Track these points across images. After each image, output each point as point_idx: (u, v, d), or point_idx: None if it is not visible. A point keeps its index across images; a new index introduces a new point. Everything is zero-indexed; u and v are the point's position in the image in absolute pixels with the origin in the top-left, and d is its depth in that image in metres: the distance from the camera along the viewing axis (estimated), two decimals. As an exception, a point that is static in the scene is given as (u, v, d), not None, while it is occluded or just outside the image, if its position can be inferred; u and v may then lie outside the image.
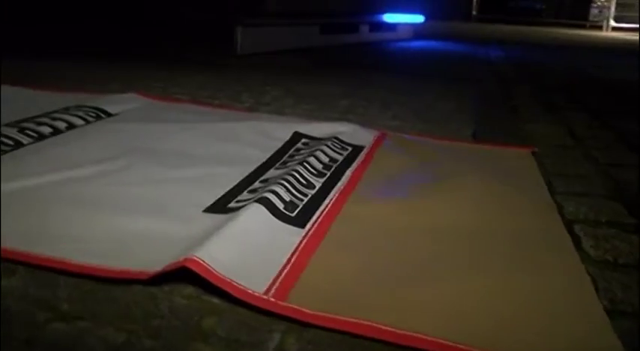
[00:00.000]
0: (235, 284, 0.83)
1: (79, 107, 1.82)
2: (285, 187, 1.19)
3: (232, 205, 1.13)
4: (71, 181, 1.20)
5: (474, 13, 11.01)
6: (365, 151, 1.58)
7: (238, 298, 0.82)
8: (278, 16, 3.67)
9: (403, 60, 4.25)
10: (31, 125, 1.58)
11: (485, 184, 1.42)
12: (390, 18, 4.99)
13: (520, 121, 2.37)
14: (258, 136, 1.64)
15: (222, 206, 1.14)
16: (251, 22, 3.45)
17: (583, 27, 11.14)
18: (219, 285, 0.83)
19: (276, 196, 1.13)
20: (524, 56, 5.08)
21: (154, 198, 1.16)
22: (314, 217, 1.10)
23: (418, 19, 5.49)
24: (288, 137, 1.66)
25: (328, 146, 1.54)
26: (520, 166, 1.65)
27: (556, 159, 1.77)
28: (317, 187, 1.26)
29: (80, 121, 1.71)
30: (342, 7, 4.04)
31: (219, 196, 1.19)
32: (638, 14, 10.33)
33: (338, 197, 1.23)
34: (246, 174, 1.33)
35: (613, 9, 10.46)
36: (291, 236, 1.01)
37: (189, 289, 0.87)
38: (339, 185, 1.30)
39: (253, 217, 1.04)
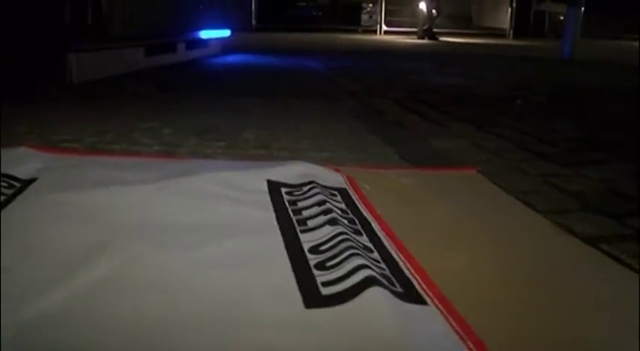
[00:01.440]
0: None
1: None
2: (361, 256, 1.02)
3: (326, 291, 0.93)
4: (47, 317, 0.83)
5: (254, 23, 11.26)
6: (352, 193, 1.45)
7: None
8: (112, 40, 3.31)
9: (239, 79, 4.13)
10: None
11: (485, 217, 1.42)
12: (203, 34, 4.86)
13: (418, 136, 2.42)
14: (235, 191, 1.40)
15: (317, 295, 0.92)
16: (83, 46, 3.04)
17: (356, 31, 12.10)
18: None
19: (372, 270, 0.96)
20: (342, 65, 5.28)
21: (218, 302, 0.90)
22: (415, 285, 0.96)
23: (225, 33, 5.41)
24: (265, 188, 1.45)
25: (324, 195, 1.38)
26: (490, 189, 1.67)
27: (498, 176, 1.83)
28: (372, 248, 1.11)
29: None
30: (162, 28, 3.81)
31: (292, 280, 0.97)
32: (402, 19, 11.60)
33: (404, 254, 1.09)
34: (282, 245, 1.12)
35: (383, 15, 11.57)
36: (431, 318, 0.86)
37: None
38: (385, 241, 1.16)
39: (378, 304, 0.86)
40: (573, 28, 7.35)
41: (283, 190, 1.44)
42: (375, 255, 1.07)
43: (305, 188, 1.44)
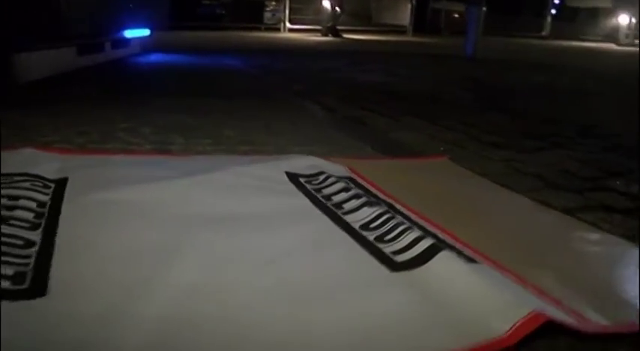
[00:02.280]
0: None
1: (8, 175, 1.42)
2: (413, 229, 1.22)
3: (400, 258, 1.12)
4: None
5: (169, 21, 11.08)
6: (361, 181, 1.64)
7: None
8: (49, 39, 3.27)
9: (176, 79, 4.17)
10: None
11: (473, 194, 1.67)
12: (127, 34, 4.85)
13: (380, 131, 2.65)
14: (264, 182, 1.55)
15: (394, 262, 1.11)
16: (24, 46, 3.01)
17: (259, 29, 12.24)
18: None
19: (430, 239, 1.16)
20: (262, 64, 5.41)
21: (335, 274, 1.06)
22: (460, 248, 1.16)
23: (145, 32, 5.41)
24: (286, 179, 1.60)
25: (344, 183, 1.56)
26: (465, 173, 1.93)
27: (465, 163, 2.09)
28: (411, 224, 1.30)
29: (42, 196, 1.35)
30: (91, 27, 3.80)
31: (365, 253, 1.15)
32: (306, 17, 11.88)
33: (437, 227, 1.29)
34: (335, 226, 1.29)
35: (287, 12, 11.79)
36: (490, 272, 1.07)
37: None
38: (413, 217, 1.35)
39: (451, 265, 1.06)
40: (475, 26, 7.91)
41: (302, 180, 1.61)
42: (418, 229, 1.27)
43: (321, 178, 1.61)
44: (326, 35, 11.40)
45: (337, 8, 11.20)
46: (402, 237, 1.19)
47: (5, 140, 1.91)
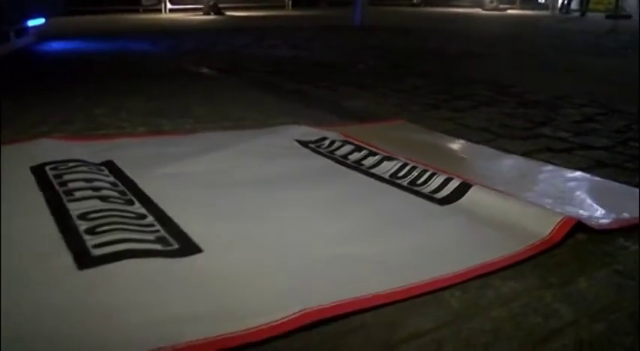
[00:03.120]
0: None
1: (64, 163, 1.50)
2: (435, 174, 1.48)
3: (438, 195, 1.37)
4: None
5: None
6: (358, 142, 1.86)
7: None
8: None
9: (97, 66, 4.03)
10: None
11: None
12: (30, 22, 4.70)
13: (329, 100, 2.87)
14: (282, 149, 1.73)
15: (435, 199, 1.35)
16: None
17: (138, 11, 11.91)
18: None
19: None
20: (170, 46, 5.38)
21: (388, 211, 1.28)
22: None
23: (40, 20, 5.24)
24: (298, 145, 1.79)
25: (350, 145, 1.78)
26: (425, 131, 2.22)
27: (418, 123, 2.38)
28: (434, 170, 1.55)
29: (106, 177, 1.44)
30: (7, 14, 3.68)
31: (413, 195, 1.39)
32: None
33: (451, 173, 1.55)
34: (372, 180, 1.51)
35: (167, -8, 11.58)
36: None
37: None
38: (421, 166, 1.60)
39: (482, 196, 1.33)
40: (362, -2, 8.29)
41: (311, 145, 1.81)
42: (441, 173, 1.52)
43: (326, 142, 1.82)
44: (208, 14, 11.33)
45: (218, -15, 11.16)
46: (431, 181, 1.44)
47: None
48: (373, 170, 1.58)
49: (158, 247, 1.05)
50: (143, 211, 1.23)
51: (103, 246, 1.04)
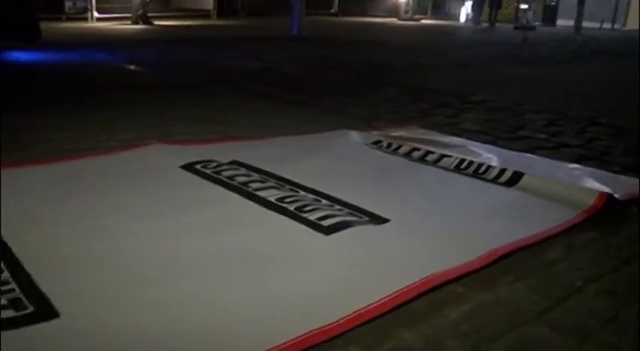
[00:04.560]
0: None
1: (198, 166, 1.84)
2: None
3: (502, 180, 1.85)
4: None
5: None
6: (401, 141, 2.32)
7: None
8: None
9: (85, 80, 4.03)
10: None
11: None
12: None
13: (337, 108, 3.29)
14: (363, 153, 2.16)
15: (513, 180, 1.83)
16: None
17: (61, 20, 11.78)
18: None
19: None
20: (132, 57, 5.48)
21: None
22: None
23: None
24: (367, 147, 2.23)
25: (413, 142, 2.24)
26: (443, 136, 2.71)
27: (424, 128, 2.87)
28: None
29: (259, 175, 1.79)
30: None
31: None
32: (113, 5, 11.74)
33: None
34: (452, 173, 1.97)
35: (94, 1, 11.53)
36: None
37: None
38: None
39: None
40: (300, 8, 8.76)
41: (374, 145, 2.24)
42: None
43: (384, 143, 2.26)
44: (137, 23, 11.39)
45: (147, -5, 11.27)
46: (489, 171, 1.94)
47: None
48: (439, 164, 2.03)
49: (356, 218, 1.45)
50: (310, 194, 1.63)
51: (326, 219, 1.43)
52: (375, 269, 1.19)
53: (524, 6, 18.71)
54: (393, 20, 16.07)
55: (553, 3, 22.23)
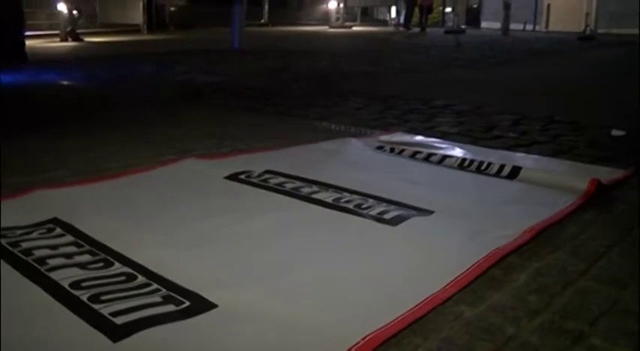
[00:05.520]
0: None
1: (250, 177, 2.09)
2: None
3: (503, 174, 2.18)
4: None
5: None
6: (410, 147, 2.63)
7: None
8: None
9: (80, 101, 4.16)
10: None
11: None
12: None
13: (348, 112, 3.57)
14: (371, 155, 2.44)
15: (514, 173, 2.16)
16: None
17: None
18: None
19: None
20: (85, 75, 5.60)
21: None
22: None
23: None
24: (379, 151, 2.52)
25: (418, 147, 2.55)
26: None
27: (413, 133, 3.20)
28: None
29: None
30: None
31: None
32: (41, 22, 11.58)
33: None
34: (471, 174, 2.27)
35: (21, 19, 11.35)
36: None
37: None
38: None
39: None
40: (240, 21, 9.02)
41: (379, 150, 2.53)
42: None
43: (387, 148, 2.55)
44: (65, 40, 11.33)
45: (75, 11, 11.22)
46: (490, 167, 2.28)
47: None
48: (443, 163, 2.34)
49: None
50: (354, 195, 1.91)
51: (385, 213, 1.71)
52: (445, 251, 1.48)
53: (448, 9, 19.63)
54: (325, 28, 16.54)
55: (475, 6, 23.38)
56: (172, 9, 16.18)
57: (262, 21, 16.96)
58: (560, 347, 1.06)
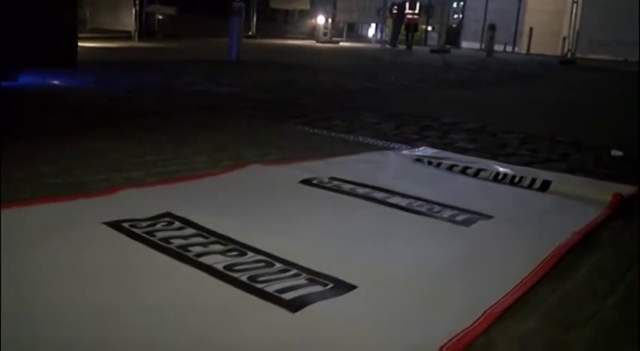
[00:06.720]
0: None
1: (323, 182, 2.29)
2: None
3: (535, 186, 2.45)
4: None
5: None
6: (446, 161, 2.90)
7: None
8: None
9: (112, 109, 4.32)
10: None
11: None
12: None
13: (367, 124, 3.83)
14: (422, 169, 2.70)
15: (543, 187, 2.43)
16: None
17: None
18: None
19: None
20: (102, 81, 5.70)
21: None
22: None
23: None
24: (412, 162, 2.78)
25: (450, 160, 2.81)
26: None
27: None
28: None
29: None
30: None
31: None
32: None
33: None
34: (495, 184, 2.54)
35: None
36: None
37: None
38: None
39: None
40: (238, 32, 9.27)
41: (418, 162, 2.80)
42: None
43: (424, 161, 2.81)
44: (58, 44, 11.36)
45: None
46: (522, 181, 2.53)
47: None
48: (479, 176, 2.62)
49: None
50: (422, 201, 2.16)
51: (459, 216, 1.99)
52: (520, 247, 1.75)
53: (429, 28, 20.12)
54: (312, 42, 16.85)
55: (454, 26, 23.97)
56: (161, 17, 16.34)
57: (250, 33, 17.19)
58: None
